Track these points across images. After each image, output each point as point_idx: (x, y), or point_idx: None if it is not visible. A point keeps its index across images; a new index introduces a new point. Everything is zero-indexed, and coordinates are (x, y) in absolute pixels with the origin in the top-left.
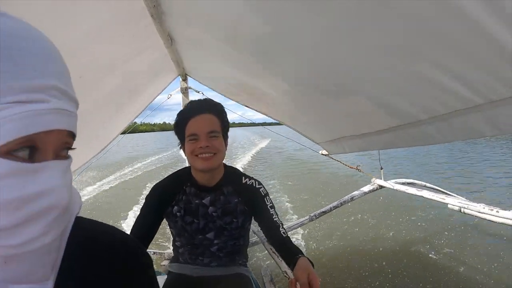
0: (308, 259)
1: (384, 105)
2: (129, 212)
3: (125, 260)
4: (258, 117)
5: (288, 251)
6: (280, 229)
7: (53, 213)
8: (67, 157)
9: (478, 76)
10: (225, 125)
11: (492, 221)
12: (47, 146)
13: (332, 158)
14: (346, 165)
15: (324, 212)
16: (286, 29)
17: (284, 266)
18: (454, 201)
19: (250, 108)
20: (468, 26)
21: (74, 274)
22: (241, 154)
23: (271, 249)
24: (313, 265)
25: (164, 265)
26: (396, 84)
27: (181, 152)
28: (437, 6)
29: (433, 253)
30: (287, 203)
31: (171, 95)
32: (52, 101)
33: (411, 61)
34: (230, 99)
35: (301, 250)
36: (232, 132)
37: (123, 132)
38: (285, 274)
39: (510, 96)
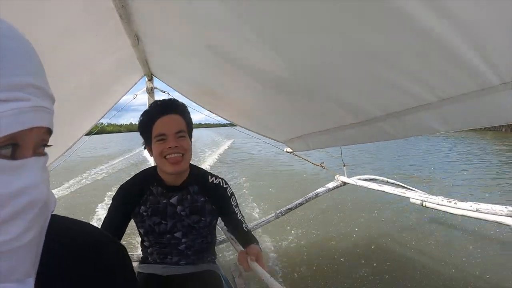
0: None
1: (343, 103)
2: None
3: (109, 258)
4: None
5: (247, 241)
6: (243, 225)
7: (35, 209)
8: (44, 154)
9: (429, 76)
10: (190, 126)
11: (451, 213)
12: (28, 144)
13: (297, 155)
14: (310, 162)
15: (290, 209)
16: (252, 31)
17: (239, 247)
18: (415, 195)
19: (212, 112)
20: (419, 29)
21: (53, 272)
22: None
23: (230, 236)
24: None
25: (134, 267)
26: (354, 83)
27: (146, 152)
28: (391, 10)
29: (396, 246)
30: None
31: (136, 95)
32: (32, 99)
33: (369, 61)
34: (194, 102)
35: (257, 241)
36: (197, 132)
37: (90, 133)
38: (238, 251)
39: (458, 95)
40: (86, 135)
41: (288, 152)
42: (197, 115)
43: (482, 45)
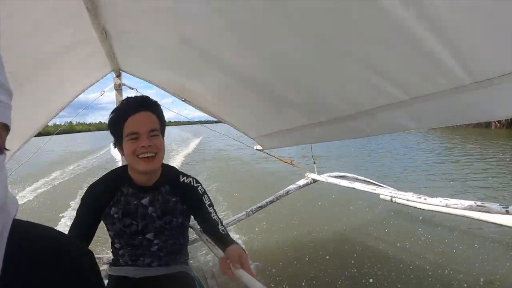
0: (242, 248)
1: (315, 100)
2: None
3: (73, 264)
4: (194, 115)
5: (226, 244)
6: (219, 227)
7: None
8: (1, 152)
9: (402, 75)
10: (163, 124)
11: (421, 208)
12: None
13: (267, 153)
14: (280, 159)
15: (261, 207)
16: (227, 24)
17: (218, 252)
18: (385, 191)
19: (188, 102)
20: (394, 28)
21: (15, 278)
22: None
23: (206, 239)
24: (245, 252)
25: (104, 269)
26: (327, 80)
27: (115, 151)
28: (365, 7)
29: (367, 241)
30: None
31: (104, 91)
32: None
33: (343, 60)
34: (168, 93)
35: (237, 243)
36: (166, 130)
37: (58, 133)
38: (219, 257)
39: (430, 93)
40: (54, 134)
41: (258, 150)
42: (168, 112)
43: (455, 45)
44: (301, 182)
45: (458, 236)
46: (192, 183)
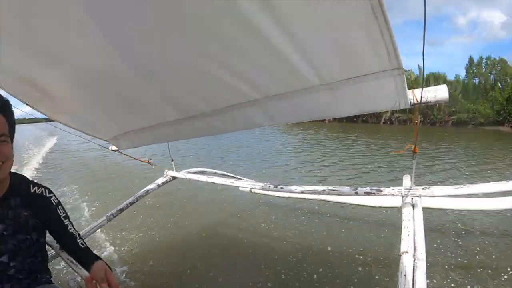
0: (106, 263)
1: (170, 99)
2: None
3: None
4: None
5: (89, 261)
6: (78, 240)
7: None
8: None
9: (257, 75)
10: (13, 128)
11: (279, 196)
12: None
13: (122, 153)
14: (137, 159)
15: (121, 210)
16: (79, 17)
17: (82, 272)
18: (244, 184)
19: (32, 107)
20: (248, 30)
21: None
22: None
23: (67, 258)
24: (110, 269)
25: None
26: (183, 79)
27: None
28: (220, 9)
29: (231, 230)
30: None
31: None
32: None
33: (198, 58)
34: (9, 93)
35: (100, 257)
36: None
37: None
38: (84, 278)
39: (281, 93)
40: None
41: (113, 150)
42: (17, 111)
43: (306, 50)
44: (160, 180)
45: (313, 217)
46: (44, 194)
